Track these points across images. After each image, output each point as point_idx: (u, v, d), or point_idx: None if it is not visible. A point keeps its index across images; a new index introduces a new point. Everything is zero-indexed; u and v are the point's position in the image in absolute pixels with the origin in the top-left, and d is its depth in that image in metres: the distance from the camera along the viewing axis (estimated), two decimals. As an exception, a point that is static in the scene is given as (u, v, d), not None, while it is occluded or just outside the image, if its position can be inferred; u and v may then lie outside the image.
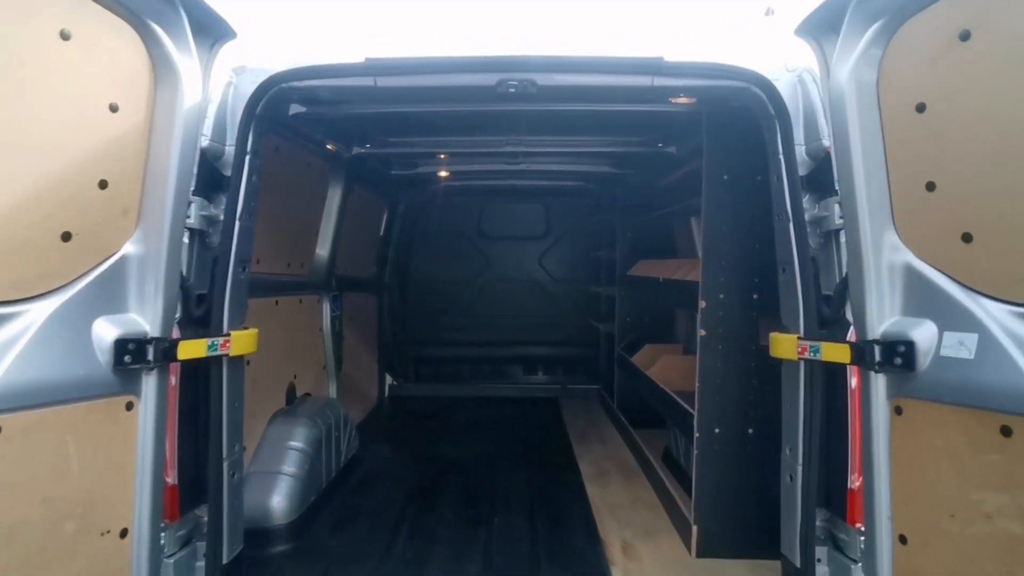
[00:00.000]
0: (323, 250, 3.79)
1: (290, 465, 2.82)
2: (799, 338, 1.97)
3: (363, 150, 3.75)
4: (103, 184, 1.62)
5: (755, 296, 2.57)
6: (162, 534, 1.90)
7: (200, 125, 1.89)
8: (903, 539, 1.67)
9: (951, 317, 1.57)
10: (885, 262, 1.73)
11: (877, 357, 1.71)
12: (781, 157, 2.05)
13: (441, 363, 5.72)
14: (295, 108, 2.63)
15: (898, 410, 1.70)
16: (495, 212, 5.69)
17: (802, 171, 2.02)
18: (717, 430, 2.57)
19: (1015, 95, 1.44)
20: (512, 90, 2.11)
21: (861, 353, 1.75)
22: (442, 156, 4.23)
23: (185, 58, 1.75)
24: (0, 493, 1.35)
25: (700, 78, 2.14)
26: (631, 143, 3.56)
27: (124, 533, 1.70)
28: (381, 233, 5.27)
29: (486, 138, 3.58)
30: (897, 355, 1.67)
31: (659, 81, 2.15)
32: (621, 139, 3.57)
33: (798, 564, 1.96)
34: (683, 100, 2.39)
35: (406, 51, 2.15)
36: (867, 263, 1.75)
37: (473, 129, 3.47)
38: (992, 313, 1.48)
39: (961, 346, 1.53)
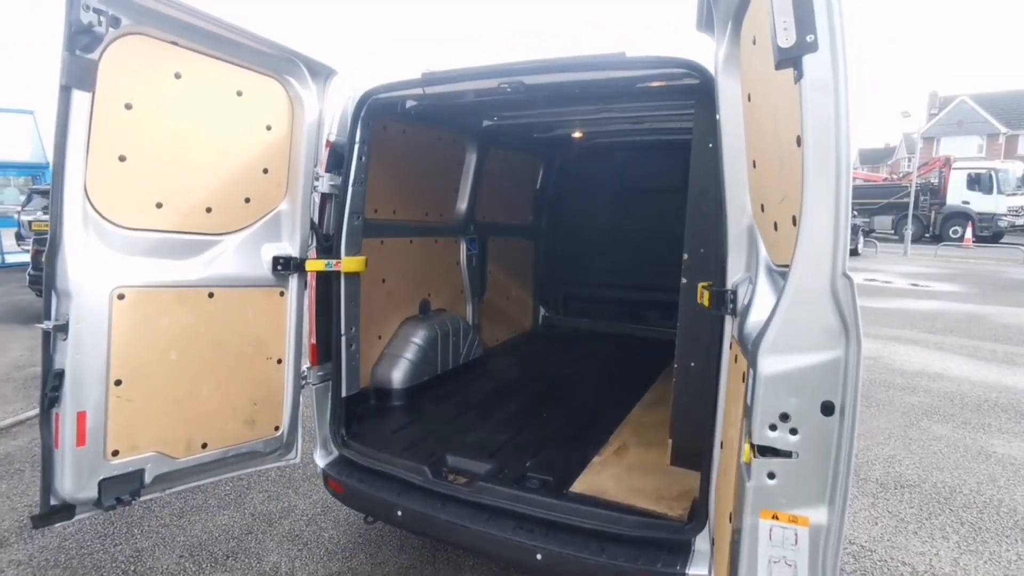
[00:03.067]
0: (462, 203, 4.96)
1: (409, 353, 4.13)
2: (703, 286, 2.40)
3: (491, 122, 4.74)
4: (265, 171, 2.96)
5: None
6: (309, 370, 3.34)
7: (322, 129, 3.13)
8: (721, 444, 2.12)
9: (753, 271, 1.93)
10: (740, 224, 2.09)
11: (725, 303, 2.12)
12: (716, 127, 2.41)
13: (585, 300, 6.54)
14: (410, 103, 3.76)
15: (731, 346, 2.10)
16: (636, 166, 6.12)
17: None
18: (693, 364, 3.00)
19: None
20: (508, 89, 2.86)
21: (715, 300, 2.17)
22: (574, 120, 4.96)
23: (307, 92, 2.97)
24: (214, 326, 2.82)
25: (653, 68, 2.58)
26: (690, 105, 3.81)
27: (280, 361, 3.13)
28: (537, 186, 6.23)
29: (584, 107, 4.21)
30: (730, 302, 2.07)
31: (624, 73, 2.66)
32: (682, 101, 3.82)
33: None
34: (656, 84, 2.80)
35: (449, 66, 3.05)
36: (731, 224, 2.13)
37: (567, 102, 4.12)
38: (763, 268, 1.84)
39: (745, 295, 1.91)
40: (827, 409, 1.22)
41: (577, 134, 5.47)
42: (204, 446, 2.83)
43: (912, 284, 14.80)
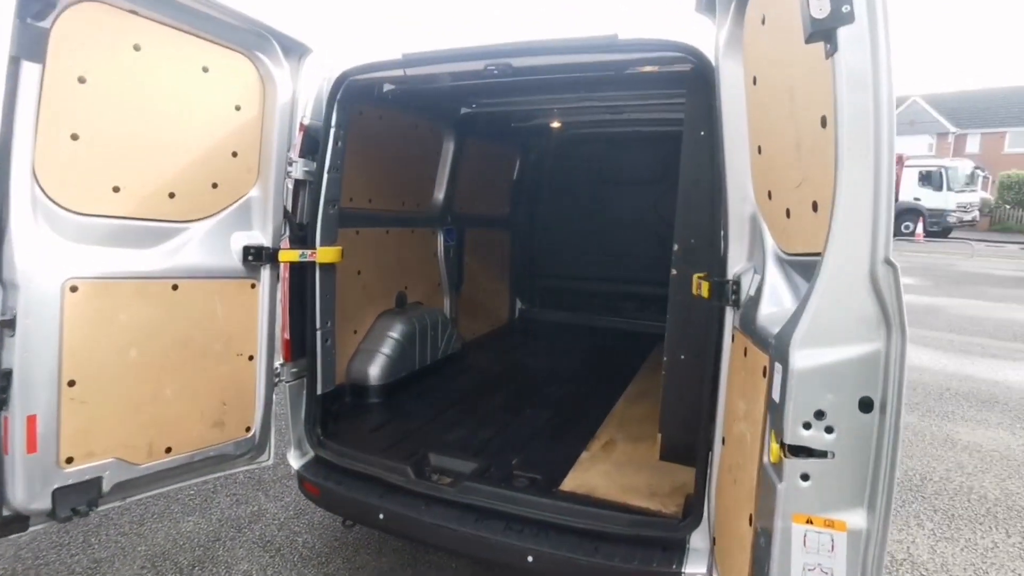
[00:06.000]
0: (439, 193, 4.81)
1: (386, 347, 3.97)
2: (698, 277, 2.33)
3: (469, 110, 4.60)
4: (235, 154, 2.76)
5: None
6: (282, 367, 3.15)
7: (296, 111, 2.94)
8: (723, 441, 2.06)
9: (759, 261, 1.87)
10: (742, 212, 2.03)
11: (727, 295, 2.05)
12: (713, 116, 2.34)
13: (562, 293, 6.47)
14: (388, 87, 3.58)
15: (733, 338, 2.04)
16: (614, 158, 6.07)
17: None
18: (682, 356, 2.95)
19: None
20: (495, 71, 2.73)
21: (714, 290, 2.10)
22: (553, 110, 4.87)
23: (279, 71, 2.78)
24: (178, 320, 2.61)
25: (647, 51, 2.49)
26: (680, 94, 3.76)
27: (251, 358, 2.93)
28: (513, 178, 6.12)
29: (563, 95, 4.12)
30: (733, 293, 2.01)
31: (617, 56, 2.56)
32: (671, 91, 3.78)
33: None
34: (648, 69, 2.71)
35: (432, 47, 2.90)
36: (732, 213, 2.06)
37: (547, 90, 4.03)
38: (771, 258, 1.77)
39: (752, 286, 1.84)
40: (866, 405, 1.15)
41: (556, 124, 5.38)
42: (168, 450, 2.63)
43: (871, 277, 15.22)
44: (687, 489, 2.74)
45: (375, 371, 3.88)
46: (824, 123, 1.29)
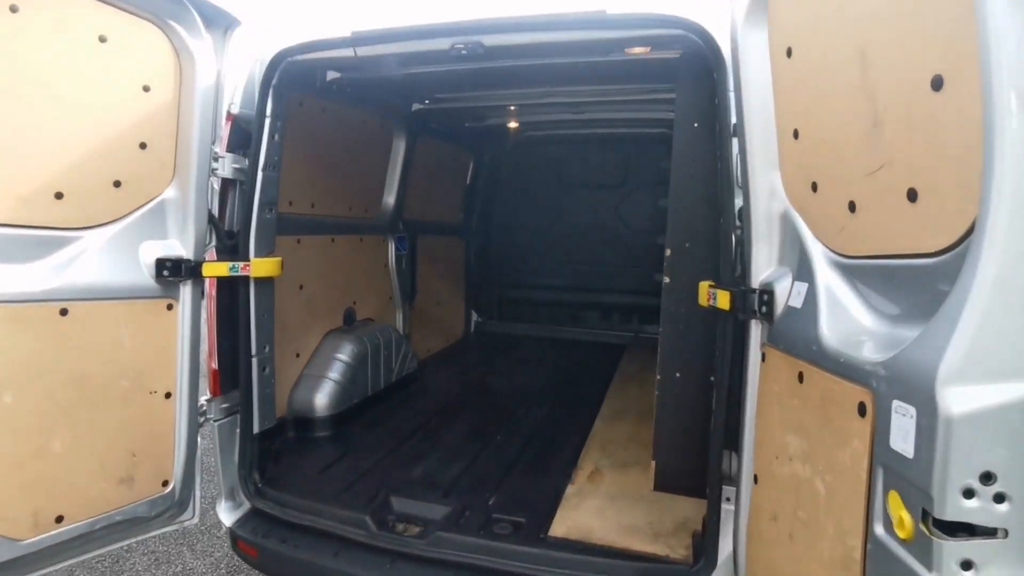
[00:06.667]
0: (389, 197, 4.35)
1: (334, 372, 3.48)
2: (710, 286, 2.02)
3: (422, 106, 4.18)
4: (143, 145, 2.24)
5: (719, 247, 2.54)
6: (209, 403, 2.63)
7: (221, 96, 2.45)
8: (756, 479, 1.75)
9: (802, 266, 1.57)
10: (770, 209, 1.73)
11: (753, 305, 1.75)
12: (717, 102, 2.05)
13: (521, 304, 6.12)
14: (332, 75, 3.13)
15: (763, 356, 1.73)
16: (574, 161, 5.80)
17: (734, 118, 2.01)
18: (678, 374, 2.64)
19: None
20: (464, 51, 2.35)
21: (737, 301, 1.79)
22: (511, 107, 4.52)
23: (199, 45, 2.28)
24: (69, 353, 2.06)
25: (641, 28, 2.18)
26: (659, 89, 3.52)
27: (168, 395, 2.40)
28: (467, 182, 5.72)
29: (526, 90, 3.78)
30: (764, 304, 1.70)
31: (604, 34, 2.24)
32: (656, 85, 3.53)
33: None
34: (638, 50, 2.41)
35: (389, 24, 2.48)
36: (755, 211, 1.76)
37: (510, 84, 3.68)
38: (821, 263, 1.47)
39: (798, 295, 1.54)
40: (1056, 464, 0.84)
41: (514, 124, 5.04)
42: (60, 519, 2.07)
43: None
44: (692, 525, 2.42)
45: (322, 400, 3.38)
46: (938, 84, 0.99)
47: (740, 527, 1.91)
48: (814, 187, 1.50)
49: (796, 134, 1.57)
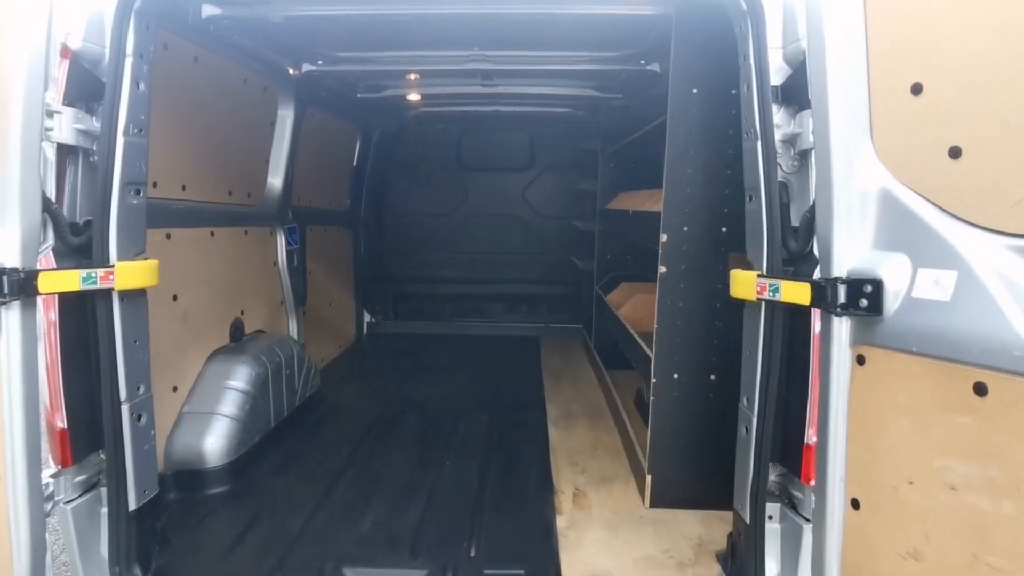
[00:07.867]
0: (276, 179, 3.53)
1: (227, 405, 2.67)
2: (759, 275, 1.72)
3: (314, 68, 3.41)
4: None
5: (724, 229, 2.29)
6: (57, 478, 1.78)
7: (52, 24, 1.60)
8: (855, 503, 1.47)
9: (929, 251, 1.30)
10: (858, 185, 1.44)
11: (841, 298, 1.45)
12: (752, 62, 1.73)
13: (420, 300, 5.55)
14: (209, 10, 2.32)
15: (860, 359, 1.45)
16: (476, 141, 5.34)
17: (777, 79, 1.71)
18: (676, 376, 2.36)
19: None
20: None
21: (822, 293, 1.50)
22: (411, 76, 3.90)
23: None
24: None
25: None
26: (610, 59, 3.19)
27: (-9, 480, 1.54)
28: (354, 163, 4.97)
29: (448, 53, 3.22)
30: (863, 296, 1.41)
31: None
32: (599, 54, 3.20)
33: (747, 520, 1.80)
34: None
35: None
36: (837, 187, 1.47)
37: (430, 42, 3.12)
38: (976, 246, 1.21)
39: (937, 286, 1.27)
40: None
41: (413, 96, 4.40)
42: None
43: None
44: (712, 546, 2.15)
45: (214, 444, 2.57)
46: None
47: (803, 550, 1.65)
48: (954, 152, 1.23)
49: (917, 88, 1.29)
